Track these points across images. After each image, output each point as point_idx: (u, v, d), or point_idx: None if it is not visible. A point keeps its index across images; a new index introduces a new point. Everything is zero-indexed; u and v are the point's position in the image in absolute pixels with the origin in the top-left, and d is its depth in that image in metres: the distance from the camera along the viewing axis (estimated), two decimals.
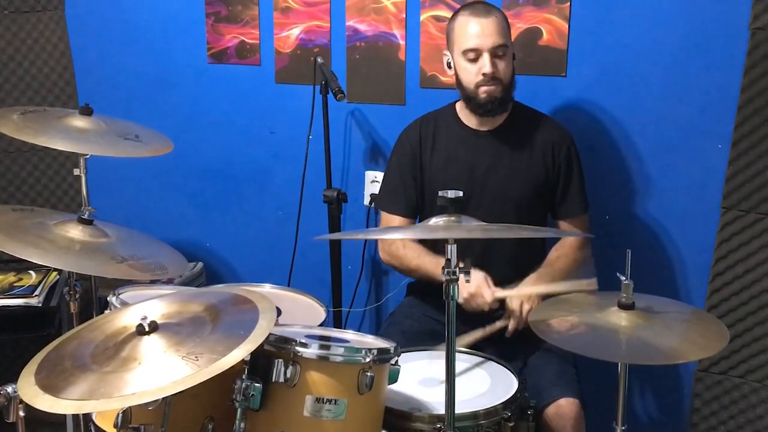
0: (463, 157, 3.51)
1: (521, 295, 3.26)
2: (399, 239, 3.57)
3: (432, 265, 3.40)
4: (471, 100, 3.44)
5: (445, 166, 3.53)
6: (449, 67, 3.50)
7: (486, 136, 3.50)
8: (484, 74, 3.35)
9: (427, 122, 3.61)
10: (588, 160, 3.59)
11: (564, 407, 3.06)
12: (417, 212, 3.63)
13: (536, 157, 3.48)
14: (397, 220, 3.61)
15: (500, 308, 3.29)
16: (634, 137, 3.76)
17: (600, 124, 3.79)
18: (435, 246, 3.43)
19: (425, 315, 3.56)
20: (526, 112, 3.58)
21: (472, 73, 3.39)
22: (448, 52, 3.49)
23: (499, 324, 3.26)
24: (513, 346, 3.31)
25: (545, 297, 3.20)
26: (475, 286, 3.20)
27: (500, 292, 3.25)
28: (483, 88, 3.38)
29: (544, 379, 3.15)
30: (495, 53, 3.35)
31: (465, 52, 3.38)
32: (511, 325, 3.24)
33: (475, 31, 3.35)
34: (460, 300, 2.77)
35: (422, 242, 3.50)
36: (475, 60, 3.37)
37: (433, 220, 2.50)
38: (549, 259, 3.48)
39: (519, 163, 3.48)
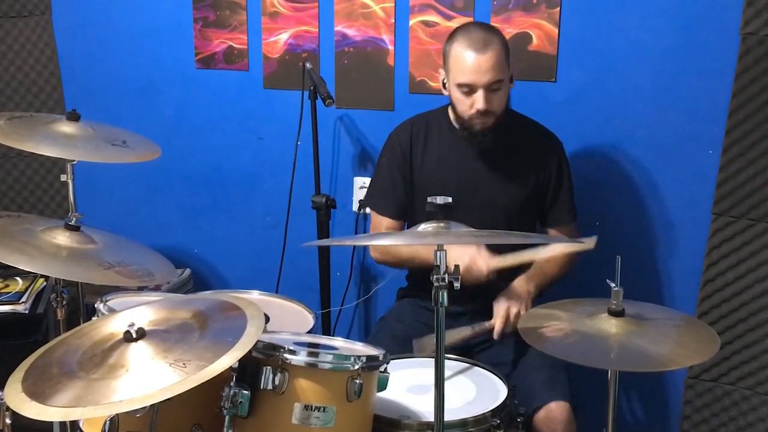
0: (453, 162, 3.49)
1: (509, 297, 3.26)
2: None
3: (424, 250, 3.37)
4: (465, 128, 3.41)
5: (435, 169, 3.51)
6: (444, 87, 3.44)
7: (477, 141, 3.48)
8: (477, 110, 3.30)
9: (419, 124, 3.58)
10: (577, 166, 3.58)
11: (555, 411, 3.05)
12: (407, 214, 3.62)
13: (527, 163, 3.47)
14: (387, 221, 3.60)
15: (499, 280, 3.29)
16: (624, 143, 3.75)
17: (590, 129, 3.79)
18: None
19: (416, 320, 3.54)
20: (518, 119, 3.56)
21: (466, 105, 3.33)
22: (443, 71, 3.43)
23: (487, 324, 3.25)
24: (504, 349, 3.32)
25: (540, 294, 3.31)
26: (469, 259, 3.16)
27: (495, 261, 3.22)
28: (476, 121, 3.34)
29: (535, 383, 3.14)
30: (490, 88, 3.27)
31: (459, 85, 3.31)
32: (497, 326, 3.22)
33: (471, 66, 3.26)
34: None
35: None
36: (469, 93, 3.30)
37: (422, 226, 2.49)
38: (539, 262, 3.44)
39: (509, 169, 3.47)
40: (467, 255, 3.17)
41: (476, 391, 2.94)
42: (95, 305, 2.94)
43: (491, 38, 3.28)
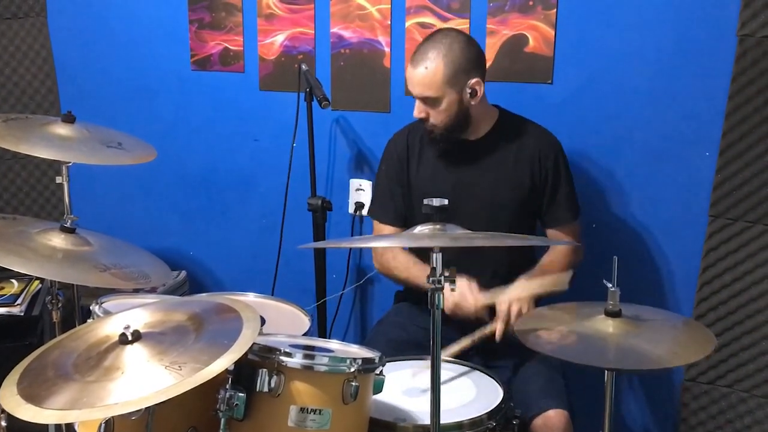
0: (451, 165, 3.49)
1: (509, 297, 3.24)
2: (390, 251, 3.55)
3: (420, 275, 3.36)
4: None
5: (433, 174, 3.51)
6: None
7: (473, 145, 3.48)
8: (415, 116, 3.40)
9: (415, 130, 3.58)
10: (574, 168, 3.57)
11: (553, 418, 3.04)
12: (407, 220, 3.61)
13: (523, 164, 3.45)
14: (387, 229, 3.61)
15: (489, 314, 3.26)
16: (621, 145, 3.74)
17: (586, 131, 3.78)
18: (426, 254, 3.41)
19: (413, 324, 3.53)
20: (513, 120, 3.55)
21: None
22: None
23: (488, 329, 3.23)
24: (501, 356, 3.31)
25: (537, 302, 3.24)
26: (459, 295, 3.18)
27: (484, 298, 3.22)
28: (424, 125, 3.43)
29: (533, 390, 3.13)
30: (424, 101, 3.34)
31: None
32: (498, 327, 3.19)
33: (407, 75, 3.38)
34: (446, 311, 2.77)
35: (413, 250, 3.49)
36: (414, 98, 3.40)
37: (418, 228, 2.49)
38: (541, 264, 3.46)
39: (506, 171, 3.46)
40: (457, 291, 3.16)
41: (472, 393, 2.93)
42: (91, 307, 2.94)
43: (433, 55, 3.29)
